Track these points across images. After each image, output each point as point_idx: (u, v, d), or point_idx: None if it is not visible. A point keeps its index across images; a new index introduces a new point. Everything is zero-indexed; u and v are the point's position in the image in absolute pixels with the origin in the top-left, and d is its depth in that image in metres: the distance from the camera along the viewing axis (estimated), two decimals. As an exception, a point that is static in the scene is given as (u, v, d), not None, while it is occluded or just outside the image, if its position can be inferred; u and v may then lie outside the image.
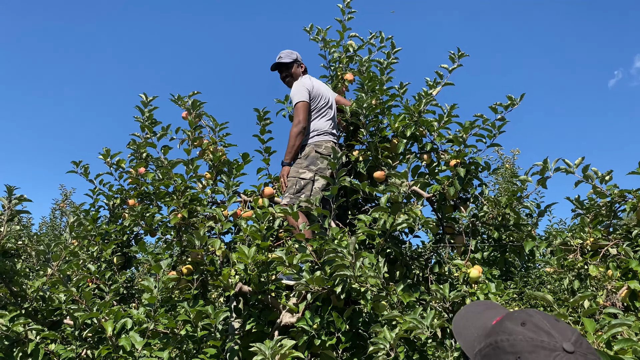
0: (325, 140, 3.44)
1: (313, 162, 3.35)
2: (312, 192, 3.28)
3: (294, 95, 3.44)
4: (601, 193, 3.00)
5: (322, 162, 3.35)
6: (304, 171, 3.32)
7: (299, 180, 3.29)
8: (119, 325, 2.68)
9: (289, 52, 3.73)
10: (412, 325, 2.12)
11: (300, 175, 3.31)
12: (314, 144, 3.43)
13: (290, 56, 3.69)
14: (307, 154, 3.40)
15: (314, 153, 3.38)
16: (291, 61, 3.68)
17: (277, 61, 3.70)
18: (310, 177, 3.30)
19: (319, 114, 3.50)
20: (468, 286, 2.96)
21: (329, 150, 3.38)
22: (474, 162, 3.23)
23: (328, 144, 3.43)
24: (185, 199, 3.04)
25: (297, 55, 3.75)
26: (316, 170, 3.33)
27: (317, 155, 3.37)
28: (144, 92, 3.85)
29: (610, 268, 2.62)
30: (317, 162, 3.35)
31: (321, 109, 3.51)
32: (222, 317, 2.61)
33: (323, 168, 3.34)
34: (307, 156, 3.39)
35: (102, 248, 3.66)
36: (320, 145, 3.40)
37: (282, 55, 3.71)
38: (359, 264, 2.37)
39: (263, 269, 2.83)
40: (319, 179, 3.31)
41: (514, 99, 3.29)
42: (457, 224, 3.49)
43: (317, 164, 3.35)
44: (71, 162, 3.82)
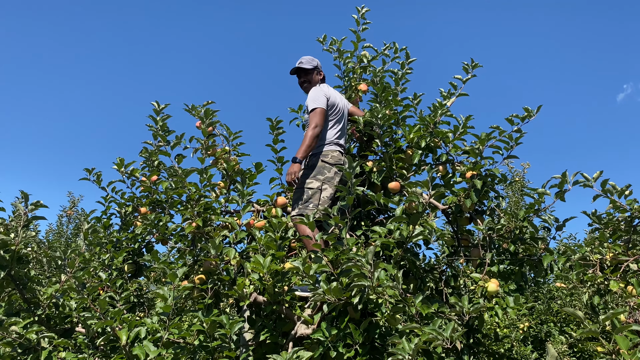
0: (331, 149, 3.41)
1: (320, 171, 3.32)
2: (320, 201, 3.24)
3: (312, 101, 3.40)
4: (621, 208, 2.96)
5: (329, 171, 3.32)
6: (311, 181, 3.29)
7: (307, 190, 3.26)
8: (132, 333, 2.65)
9: (310, 59, 3.72)
10: (431, 337, 2.08)
11: (307, 185, 3.28)
12: (321, 153, 3.40)
13: (311, 63, 3.69)
14: (313, 163, 3.38)
15: (321, 163, 3.35)
16: (312, 67, 3.66)
17: (298, 66, 3.68)
18: (318, 187, 3.26)
19: (329, 124, 3.48)
20: (486, 300, 2.92)
21: (336, 159, 3.36)
22: (491, 174, 3.20)
23: (334, 153, 3.40)
24: (199, 207, 3.03)
25: (318, 63, 3.75)
26: (323, 180, 3.29)
27: (324, 165, 3.34)
28: (156, 100, 3.87)
29: (634, 284, 2.57)
30: (324, 171, 3.32)
31: (332, 120, 3.48)
32: (237, 327, 2.58)
33: (330, 177, 3.31)
34: (313, 166, 3.36)
35: (114, 256, 3.64)
36: (327, 155, 3.37)
37: (303, 60, 3.70)
38: (377, 275, 2.33)
39: (278, 279, 2.80)
40: (326, 187, 3.27)
41: (530, 110, 3.27)
42: (473, 237, 3.46)
43: (324, 173, 3.31)
44: (84, 169, 3.82)
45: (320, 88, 3.49)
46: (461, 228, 3.42)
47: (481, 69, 3.83)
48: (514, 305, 2.83)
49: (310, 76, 3.66)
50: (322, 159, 3.35)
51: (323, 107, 3.36)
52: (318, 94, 3.41)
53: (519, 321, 5.84)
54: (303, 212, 3.18)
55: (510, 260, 3.20)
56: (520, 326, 5.81)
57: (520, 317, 5.85)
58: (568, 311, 1.86)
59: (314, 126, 3.30)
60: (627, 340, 1.72)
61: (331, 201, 3.30)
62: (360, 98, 4.02)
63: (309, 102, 3.41)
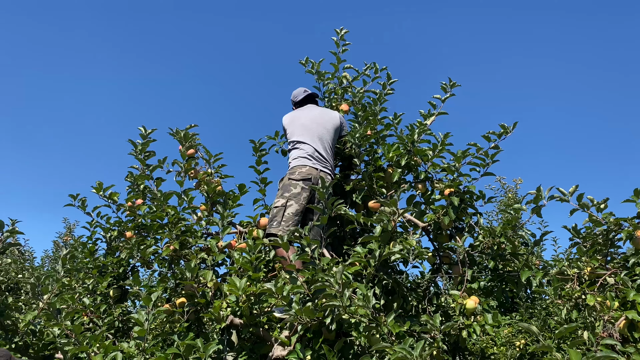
0: (299, 165, 3.44)
1: (286, 188, 3.35)
2: (284, 217, 3.23)
3: None
4: (597, 221, 2.96)
5: (295, 187, 3.33)
6: (277, 200, 3.33)
7: (273, 209, 3.30)
8: (108, 358, 2.64)
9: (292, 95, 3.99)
10: (401, 356, 2.08)
11: (274, 204, 3.33)
12: (289, 171, 3.46)
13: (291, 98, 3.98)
14: (283, 183, 3.43)
15: (287, 180, 3.39)
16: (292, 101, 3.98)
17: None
18: (282, 204, 3.28)
19: (293, 146, 3.58)
20: (464, 317, 2.91)
21: (304, 175, 3.37)
22: (468, 191, 3.21)
23: (302, 169, 3.40)
24: (177, 230, 3.04)
25: (293, 94, 3.97)
26: (289, 197, 3.30)
27: (290, 182, 3.36)
28: (142, 125, 3.92)
29: (608, 298, 2.56)
30: (290, 188, 3.34)
31: (296, 140, 3.57)
32: (211, 350, 2.57)
33: (296, 193, 3.31)
34: (282, 185, 3.42)
35: (98, 281, 3.65)
36: (294, 172, 3.40)
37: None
38: (348, 294, 2.33)
39: (254, 301, 2.81)
40: (291, 204, 3.27)
41: (507, 127, 3.30)
42: (454, 254, 3.45)
43: (290, 190, 3.32)
44: (68, 195, 3.86)
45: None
46: (441, 245, 3.42)
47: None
48: (493, 322, 2.81)
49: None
50: (290, 177, 3.39)
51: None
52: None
53: (515, 338, 5.76)
54: (268, 232, 3.20)
55: (490, 277, 3.19)
56: (516, 344, 5.74)
57: (517, 334, 5.78)
58: (523, 326, 1.85)
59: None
60: (580, 354, 1.71)
61: (297, 217, 3.29)
62: (342, 118, 4.06)
63: None
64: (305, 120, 3.62)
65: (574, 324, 1.81)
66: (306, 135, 3.54)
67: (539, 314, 5.90)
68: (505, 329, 5.62)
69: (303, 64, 4.27)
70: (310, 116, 3.66)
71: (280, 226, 3.20)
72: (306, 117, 3.65)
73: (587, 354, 1.72)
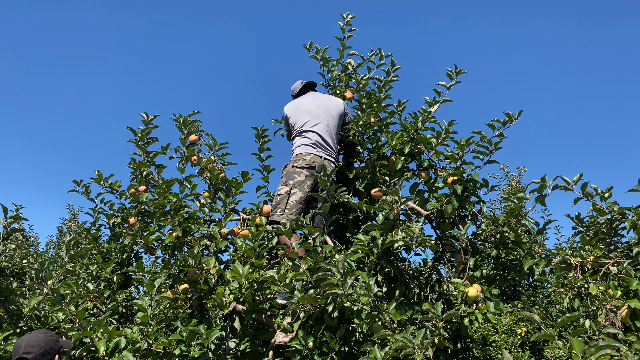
0: (303, 153, 3.42)
1: (290, 176, 3.34)
2: (288, 205, 3.22)
3: None
4: (601, 210, 2.95)
5: (299, 175, 3.32)
6: (281, 187, 3.33)
7: (277, 197, 3.29)
8: (112, 344, 2.67)
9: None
10: (402, 345, 2.08)
11: (278, 191, 3.32)
12: (293, 158, 3.45)
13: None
14: (286, 170, 3.42)
15: (292, 168, 3.37)
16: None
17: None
18: (286, 192, 3.28)
19: (297, 133, 3.55)
20: (466, 305, 2.91)
21: (308, 162, 3.36)
22: (471, 179, 3.20)
23: (307, 157, 3.39)
24: (179, 217, 3.05)
25: (292, 87, 3.94)
26: (293, 184, 3.29)
27: (294, 169, 3.35)
28: (145, 112, 3.90)
29: (611, 287, 2.56)
30: (294, 175, 3.33)
31: (301, 128, 3.54)
32: (214, 337, 2.59)
33: (300, 181, 3.30)
34: (286, 172, 3.40)
35: (102, 267, 3.67)
36: (299, 159, 3.39)
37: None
38: (350, 282, 2.34)
39: (257, 288, 2.82)
40: (295, 191, 3.26)
41: (512, 115, 3.27)
42: (457, 242, 3.45)
43: (294, 178, 3.32)
44: (72, 181, 3.87)
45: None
46: (444, 233, 3.41)
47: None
48: (495, 310, 2.81)
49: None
50: (294, 164, 3.38)
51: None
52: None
53: (517, 326, 5.79)
54: (272, 219, 3.20)
55: (493, 265, 3.19)
56: (517, 331, 5.77)
57: (518, 322, 5.80)
58: (525, 315, 1.85)
59: None
60: (582, 343, 1.71)
61: (301, 205, 3.29)
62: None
63: None
64: (311, 107, 3.59)
65: (576, 313, 1.80)
66: (312, 121, 3.52)
67: (540, 302, 5.92)
68: (507, 316, 5.64)
69: (307, 48, 4.23)
70: (315, 102, 3.63)
71: (284, 214, 3.20)
72: (311, 104, 3.62)
73: (589, 342, 1.72)
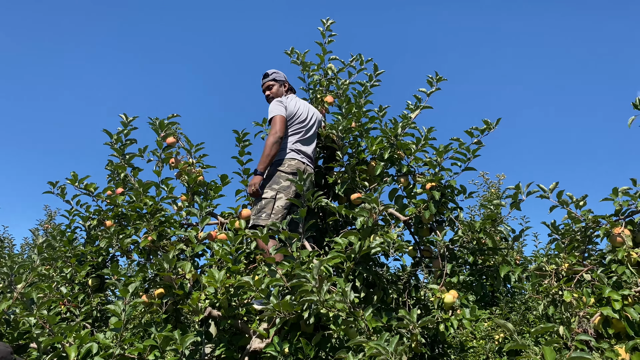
0: (289, 158, 3.40)
1: (275, 180, 3.31)
2: (274, 210, 3.22)
3: (270, 111, 3.46)
4: (576, 218, 2.99)
5: (284, 181, 3.30)
6: (266, 191, 3.29)
7: (261, 201, 3.26)
8: (83, 350, 2.61)
9: (276, 73, 3.80)
10: (375, 352, 2.08)
11: (262, 195, 3.28)
12: (279, 162, 3.40)
13: (275, 75, 3.77)
14: (271, 173, 3.38)
15: (277, 172, 3.34)
16: (273, 80, 3.75)
17: (262, 80, 3.79)
18: (272, 196, 3.25)
19: (288, 132, 3.48)
20: (442, 312, 2.92)
21: (293, 168, 3.35)
22: (450, 185, 3.22)
23: (292, 162, 3.38)
24: (155, 221, 3.01)
25: (283, 76, 3.83)
26: (278, 189, 3.27)
27: (279, 174, 3.33)
28: (124, 113, 3.85)
29: (584, 294, 2.58)
30: (279, 180, 3.31)
31: (292, 129, 3.48)
32: (188, 342, 2.55)
33: (286, 186, 3.29)
34: (271, 175, 3.36)
35: (77, 270, 3.60)
36: (284, 164, 3.37)
37: (269, 72, 3.79)
38: (326, 288, 2.33)
39: (233, 293, 2.79)
40: (281, 197, 3.25)
41: (490, 123, 3.30)
42: (435, 248, 3.46)
43: (279, 182, 3.30)
44: (47, 182, 3.79)
45: (280, 99, 3.52)
46: (422, 239, 3.42)
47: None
48: (470, 316, 2.83)
49: (274, 89, 3.72)
50: (279, 169, 3.35)
51: (281, 114, 3.38)
52: (275, 104, 3.45)
53: (495, 332, 5.83)
54: (256, 223, 3.18)
55: (470, 271, 3.20)
56: (495, 337, 5.81)
57: (496, 328, 5.84)
58: (499, 323, 1.86)
59: (273, 133, 3.33)
60: (554, 352, 1.73)
61: (286, 210, 3.28)
62: (327, 110, 4.04)
63: (268, 113, 3.45)
64: (305, 114, 3.58)
65: (550, 324, 1.82)
66: (303, 130, 3.52)
67: (518, 309, 5.97)
68: (485, 322, 5.68)
69: (288, 54, 4.22)
70: (309, 110, 3.64)
71: (270, 219, 3.18)
72: (305, 111, 3.60)
73: (561, 352, 1.73)
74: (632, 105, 2.90)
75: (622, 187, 2.98)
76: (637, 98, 2.87)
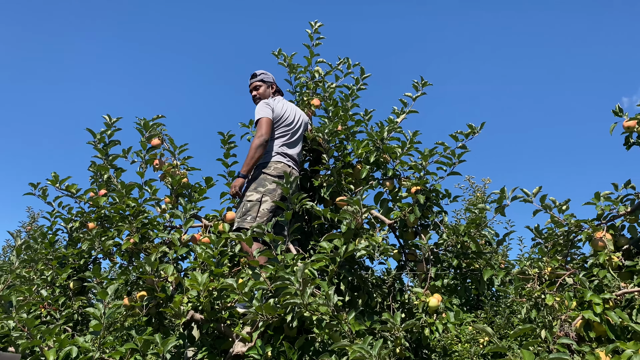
0: (275, 161, 3.38)
1: (261, 183, 3.29)
2: (259, 213, 3.19)
3: (256, 113, 3.45)
4: (558, 223, 3.01)
5: (270, 183, 3.29)
6: (251, 193, 3.27)
7: (246, 203, 3.24)
8: (62, 353, 2.57)
9: (263, 73, 3.80)
10: (359, 355, 2.07)
11: (247, 197, 3.26)
12: (264, 165, 3.39)
13: (264, 77, 3.77)
14: (256, 175, 3.36)
15: (262, 175, 3.32)
16: (261, 81, 3.75)
17: (250, 80, 3.78)
18: (257, 199, 3.23)
19: (274, 134, 3.46)
20: (427, 315, 2.92)
21: (279, 171, 3.33)
22: (434, 189, 3.23)
23: (278, 165, 3.37)
24: (138, 223, 2.97)
25: (272, 77, 3.83)
26: (264, 192, 3.25)
27: (265, 177, 3.31)
28: (107, 114, 3.81)
29: (566, 298, 2.60)
30: (265, 183, 3.29)
31: (279, 131, 3.47)
32: (170, 346, 2.52)
33: (272, 189, 3.27)
34: (255, 178, 3.34)
35: (58, 272, 3.55)
36: (270, 167, 3.35)
37: (257, 73, 3.79)
38: (310, 291, 2.31)
39: (216, 296, 2.76)
40: (266, 199, 3.23)
41: (474, 127, 3.32)
42: (420, 251, 3.47)
43: (265, 185, 3.28)
44: (29, 183, 3.73)
45: (267, 100, 3.51)
46: (407, 243, 3.43)
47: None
48: (455, 320, 2.83)
49: (261, 89, 3.72)
50: (264, 171, 3.33)
51: (267, 116, 3.37)
52: (262, 105, 3.45)
53: (479, 335, 5.85)
54: (241, 226, 3.15)
55: (454, 275, 3.21)
56: (480, 341, 5.83)
57: (481, 332, 5.86)
58: (478, 327, 1.87)
59: (258, 135, 3.31)
60: (533, 355, 1.73)
61: (272, 213, 3.26)
62: (314, 113, 4.04)
63: (255, 114, 3.44)
64: (292, 117, 3.56)
65: (529, 325, 1.83)
66: (289, 133, 3.51)
67: (503, 312, 6.00)
68: (469, 326, 5.69)
69: (275, 55, 4.21)
70: (295, 113, 3.62)
71: (255, 222, 3.16)
72: (292, 114, 3.59)
73: (540, 354, 1.74)
74: (612, 112, 2.93)
75: (604, 191, 3.02)
76: (617, 105, 2.91)
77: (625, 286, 2.63)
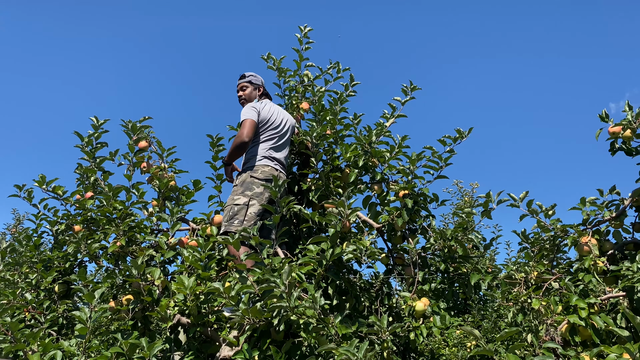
0: (262, 165, 3.37)
1: (248, 187, 3.28)
2: (246, 217, 3.18)
3: (242, 114, 3.45)
4: (545, 227, 3.04)
5: (257, 187, 3.27)
6: (238, 197, 3.25)
7: (233, 207, 3.22)
8: (47, 358, 2.53)
9: (254, 76, 3.80)
10: (345, 358, 2.07)
11: (234, 201, 3.24)
12: (251, 168, 3.37)
13: (252, 78, 3.77)
14: (243, 179, 3.34)
15: (250, 178, 3.31)
16: (250, 83, 3.76)
17: (238, 81, 3.78)
18: (245, 202, 3.21)
19: (260, 138, 3.46)
20: (413, 319, 2.93)
21: (267, 174, 3.32)
22: (422, 193, 3.24)
23: (266, 168, 3.36)
24: (125, 226, 2.95)
25: (261, 80, 3.82)
26: (251, 195, 3.24)
27: (252, 180, 3.29)
28: (95, 116, 3.78)
29: (552, 302, 2.62)
30: (252, 186, 3.27)
31: (265, 134, 3.47)
32: (156, 350, 2.50)
33: (259, 192, 3.25)
34: (242, 182, 3.32)
35: (43, 276, 3.51)
36: (257, 170, 3.34)
37: (246, 74, 3.79)
38: (296, 295, 2.31)
39: (203, 300, 2.75)
40: (254, 203, 3.22)
41: (462, 132, 3.34)
42: (408, 255, 3.48)
43: (252, 189, 3.26)
44: (14, 185, 3.69)
45: (253, 104, 3.50)
46: (395, 246, 3.43)
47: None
48: (441, 324, 2.84)
49: (247, 91, 3.72)
50: (252, 175, 3.31)
51: (252, 119, 3.36)
52: (248, 108, 3.45)
53: (467, 339, 5.87)
54: (228, 230, 3.14)
55: (441, 279, 3.23)
56: (467, 345, 5.85)
57: (468, 336, 5.89)
58: (466, 330, 1.87)
59: (239, 134, 3.33)
60: (519, 358, 1.74)
61: (259, 217, 3.25)
62: (303, 117, 4.04)
63: (240, 116, 3.44)
64: (279, 121, 3.56)
65: (514, 328, 1.84)
66: (277, 136, 3.51)
67: (490, 316, 6.03)
68: (456, 330, 5.71)
69: (265, 59, 4.21)
70: (282, 117, 3.62)
71: (242, 225, 3.14)
72: (279, 117, 3.58)
73: (526, 358, 1.75)
74: (598, 117, 2.96)
75: (589, 197, 3.05)
76: (603, 110, 2.94)
77: (610, 291, 2.66)
